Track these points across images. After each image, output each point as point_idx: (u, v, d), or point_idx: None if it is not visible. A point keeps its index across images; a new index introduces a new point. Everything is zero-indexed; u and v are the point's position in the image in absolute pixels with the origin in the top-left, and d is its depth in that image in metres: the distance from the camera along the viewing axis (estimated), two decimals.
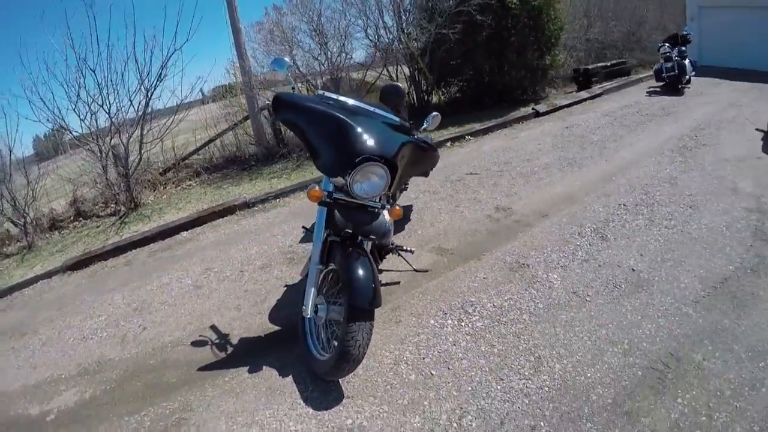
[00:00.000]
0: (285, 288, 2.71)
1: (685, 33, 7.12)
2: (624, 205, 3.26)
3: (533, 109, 6.48)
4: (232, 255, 3.27)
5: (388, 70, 6.31)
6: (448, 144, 5.40)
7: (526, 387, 1.79)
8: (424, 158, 2.50)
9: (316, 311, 1.80)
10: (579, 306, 2.23)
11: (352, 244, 1.83)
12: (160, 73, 4.59)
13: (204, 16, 4.90)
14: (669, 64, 6.68)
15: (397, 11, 6.02)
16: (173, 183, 5.17)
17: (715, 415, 1.58)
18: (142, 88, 4.57)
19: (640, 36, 8.93)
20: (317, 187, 1.77)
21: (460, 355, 1.99)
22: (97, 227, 4.37)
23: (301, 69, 5.66)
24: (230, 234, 3.70)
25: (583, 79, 7.66)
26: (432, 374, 1.89)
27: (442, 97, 7.08)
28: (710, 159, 3.93)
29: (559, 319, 2.15)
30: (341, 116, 1.78)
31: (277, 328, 2.33)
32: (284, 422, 1.75)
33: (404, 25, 6.00)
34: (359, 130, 1.75)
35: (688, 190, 3.35)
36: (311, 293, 1.78)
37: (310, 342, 1.98)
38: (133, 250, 3.73)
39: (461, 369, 1.91)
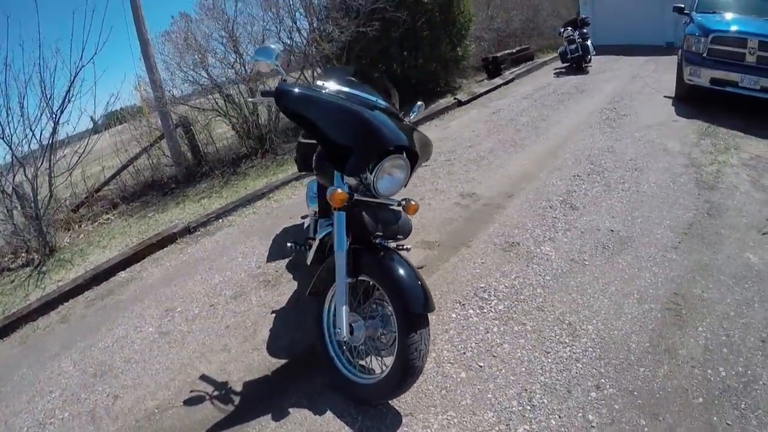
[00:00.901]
0: (273, 314, 2.52)
1: (583, 17, 8.33)
2: (578, 175, 3.69)
3: (455, 98, 6.97)
4: (193, 289, 2.94)
5: (304, 75, 6.24)
6: None
7: (573, 353, 1.95)
8: (426, 147, 2.54)
9: (351, 331, 1.70)
10: (581, 270, 2.49)
11: (382, 248, 1.77)
12: (68, 92, 3.96)
13: (114, 26, 4.40)
14: (573, 46, 7.75)
15: (310, 13, 6.01)
16: (88, 219, 4.48)
17: (731, 333, 1.94)
18: (48, 111, 3.90)
19: (537, 23, 10.19)
20: (339, 189, 1.66)
21: (498, 340, 2.08)
22: (11, 282, 3.58)
23: (216, 80, 5.34)
24: (179, 266, 3.32)
25: (493, 67, 8.45)
26: (481, 366, 1.94)
27: None
28: (635, 127, 4.66)
29: (569, 286, 2.38)
30: (357, 108, 1.73)
31: (283, 361, 2.15)
32: None
33: (316, 26, 6.00)
34: (376, 122, 1.70)
35: (627, 156, 3.92)
36: (344, 312, 1.67)
37: (341, 367, 1.87)
38: (65, 303, 3.13)
39: (506, 353, 1.99)
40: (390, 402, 1.79)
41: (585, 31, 7.86)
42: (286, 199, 4.18)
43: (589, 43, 7.77)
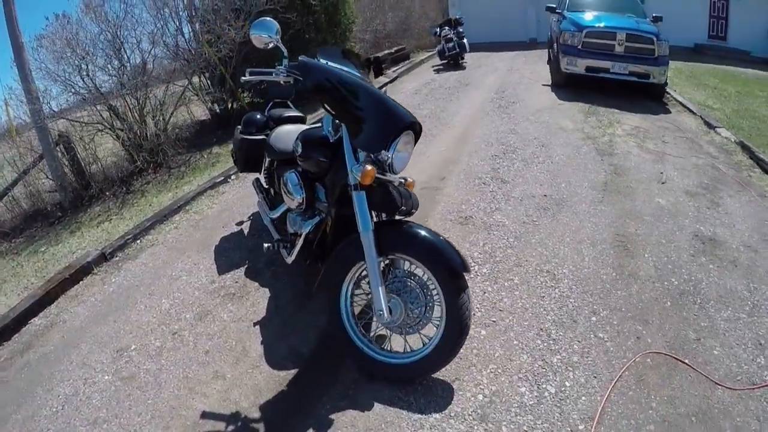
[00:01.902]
0: (256, 326, 2.32)
1: (458, 17, 9.38)
2: (495, 155, 4.25)
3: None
4: (140, 321, 2.52)
5: (191, 82, 5.82)
6: None
7: (562, 292, 2.33)
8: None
9: (390, 312, 1.72)
10: (535, 229, 2.92)
11: (403, 222, 1.82)
12: None
13: None
14: (450, 44, 8.70)
15: (193, 16, 5.64)
16: None
17: (669, 254, 2.58)
18: None
19: (409, 24, 11.14)
20: (368, 166, 1.65)
21: (497, 297, 2.33)
22: None
23: (100, 88, 4.65)
24: (108, 298, 2.79)
25: (375, 67, 8.95)
26: (494, 321, 2.16)
27: (247, 100, 7.03)
28: (527, 111, 5.50)
29: (532, 243, 2.78)
30: (372, 87, 1.77)
31: (293, 371, 2.00)
32: None
33: (199, 29, 5.64)
34: (390, 100, 1.75)
35: (530, 135, 4.64)
36: (381, 293, 1.68)
37: (375, 354, 1.86)
38: None
39: (509, 306, 2.26)
40: (431, 375, 1.85)
41: (460, 30, 8.91)
42: (208, 209, 3.85)
43: (465, 41, 8.83)
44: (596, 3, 6.70)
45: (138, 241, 3.47)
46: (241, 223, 3.44)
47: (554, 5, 6.93)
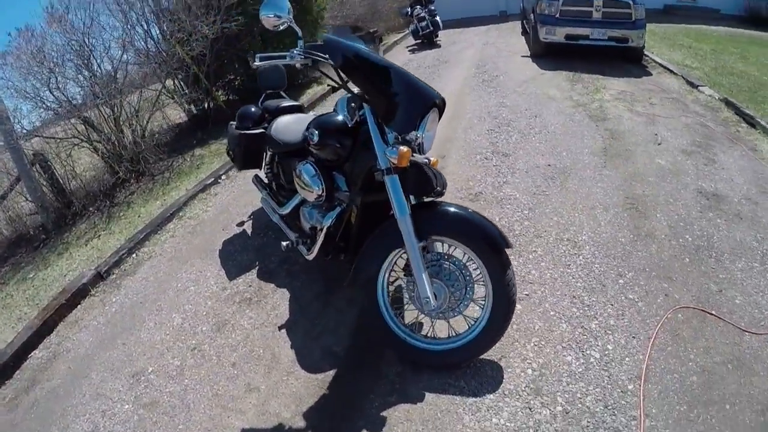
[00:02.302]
0: (283, 331, 2.26)
1: None
2: (491, 130, 4.27)
3: (328, 85, 7.10)
4: (152, 340, 2.41)
5: (164, 85, 5.58)
6: None
7: (585, 259, 2.40)
8: None
9: (435, 297, 1.70)
10: (547, 200, 2.97)
11: (437, 203, 1.77)
12: None
13: None
14: (423, 23, 8.64)
15: (159, 17, 5.39)
16: None
17: (679, 212, 2.71)
18: None
19: (377, 8, 11.01)
20: (402, 148, 1.58)
21: (524, 270, 2.36)
22: None
23: (72, 101, 4.42)
24: (113, 320, 2.68)
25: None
26: (527, 294, 2.19)
27: (223, 98, 6.84)
28: (512, 83, 5.53)
29: (546, 213, 2.83)
30: (395, 65, 1.71)
31: (330, 372, 1.93)
32: (488, 421, 1.64)
33: (168, 28, 5.39)
34: (414, 77, 1.70)
35: (521, 107, 4.68)
36: (425, 279, 1.65)
37: (419, 342, 1.84)
38: None
39: (539, 278, 2.30)
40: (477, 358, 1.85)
41: (432, 8, 8.86)
42: (203, 213, 3.74)
43: (437, 18, 8.78)
44: None
45: (134, 255, 3.34)
46: (242, 223, 3.35)
47: None
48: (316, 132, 1.91)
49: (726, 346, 1.82)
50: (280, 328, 2.27)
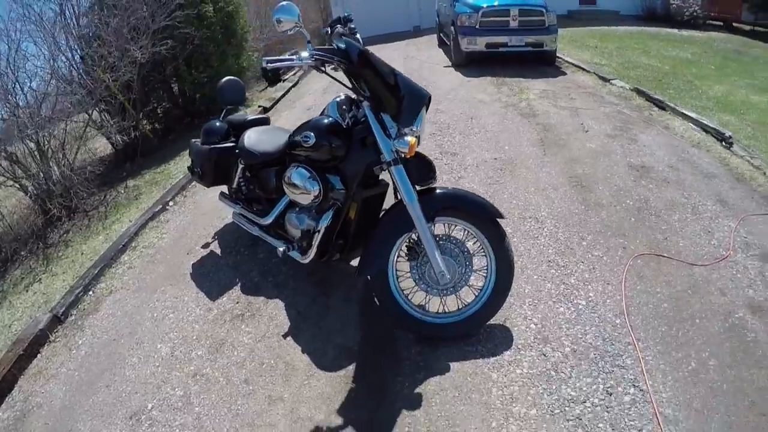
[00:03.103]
0: (288, 338, 2.27)
1: (346, 14, 9.63)
2: (434, 133, 4.60)
3: (259, 106, 7.17)
4: (141, 376, 2.25)
5: (90, 116, 5.30)
6: None
7: (549, 230, 2.78)
8: None
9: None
10: (502, 187, 3.35)
11: (432, 187, 1.99)
12: None
13: None
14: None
15: (82, 42, 5.17)
16: None
17: (617, 183, 3.22)
18: None
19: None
20: (409, 138, 1.78)
21: None
22: None
23: None
24: (85, 365, 2.43)
25: (272, 74, 8.91)
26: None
27: (148, 127, 6.65)
28: (441, 91, 5.97)
29: (504, 198, 3.19)
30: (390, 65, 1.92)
31: (352, 366, 2.01)
32: (513, 373, 1.84)
33: (90, 53, 5.16)
34: (401, 73, 1.92)
35: (456, 111, 5.14)
36: (438, 256, 1.86)
37: (433, 319, 2.03)
38: None
39: (516, 251, 2.49)
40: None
41: (353, 26, 9.21)
42: (159, 241, 3.61)
43: (358, 36, 9.14)
44: None
45: (91, 293, 3.13)
46: (207, 245, 3.30)
47: None
48: (312, 134, 2.03)
49: (682, 278, 2.28)
50: (284, 336, 2.29)
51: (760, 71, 6.73)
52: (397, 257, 2.02)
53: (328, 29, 9.56)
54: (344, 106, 2.07)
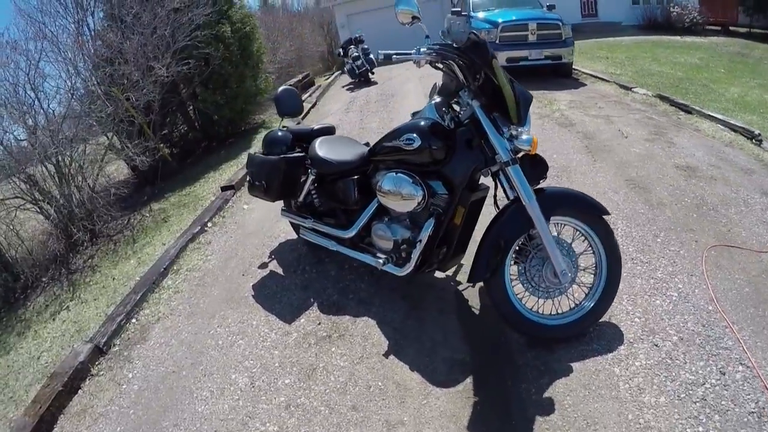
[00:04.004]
0: (389, 356, 2.20)
1: (357, 35, 10.02)
2: None
3: (284, 127, 7.35)
4: (219, 411, 2.10)
5: (110, 139, 5.35)
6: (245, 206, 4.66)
7: (623, 232, 2.91)
8: None
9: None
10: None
11: (542, 188, 2.03)
12: None
13: None
14: (359, 62, 9.33)
15: (97, 59, 5.26)
16: None
17: (673, 183, 3.41)
18: None
19: (305, 52, 11.62)
20: (528, 137, 1.86)
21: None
22: None
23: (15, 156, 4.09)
24: (140, 401, 2.27)
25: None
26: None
27: (167, 151, 6.74)
28: None
29: None
30: None
31: (469, 379, 1.99)
32: (633, 366, 1.92)
33: (107, 71, 5.24)
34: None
35: None
36: (560, 255, 1.91)
37: (549, 321, 2.06)
38: None
39: None
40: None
41: (366, 47, 9.60)
42: (204, 263, 3.57)
43: (371, 56, 9.52)
44: (498, 2, 7.91)
45: (135, 320, 3.03)
46: (265, 265, 3.24)
47: (458, 9, 7.96)
48: (416, 137, 2.04)
49: (754, 264, 2.48)
50: (385, 355, 2.21)
51: (767, 71, 7.09)
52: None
53: (341, 50, 10.06)
54: (443, 108, 2.10)
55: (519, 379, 1.95)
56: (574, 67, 7.18)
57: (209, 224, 4.19)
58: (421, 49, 1.97)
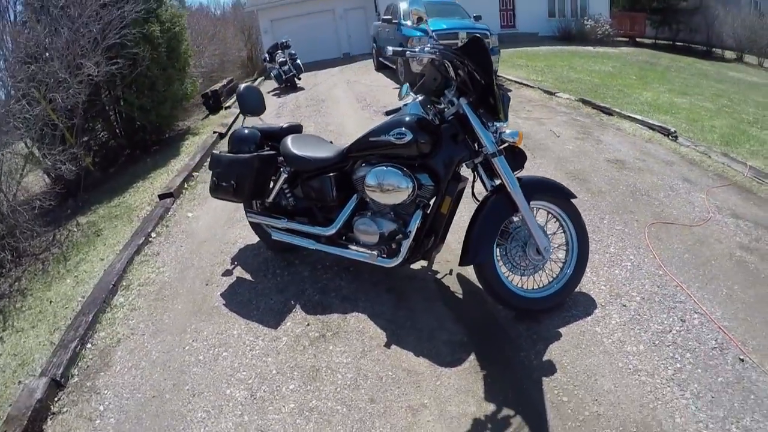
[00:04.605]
0: (391, 347, 2.24)
1: (284, 40, 9.83)
2: None
3: (215, 132, 7.07)
4: (222, 430, 1.98)
5: (29, 147, 4.73)
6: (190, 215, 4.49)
7: None
8: None
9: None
10: None
11: (520, 177, 2.21)
12: None
13: None
14: (286, 67, 9.20)
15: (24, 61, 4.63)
16: None
17: (608, 175, 3.91)
18: None
19: (228, 57, 11.17)
20: (519, 131, 2.12)
21: None
22: None
23: None
24: None
25: (214, 102, 8.86)
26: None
27: (88, 160, 6.15)
28: (382, 104, 6.42)
29: None
30: None
31: (472, 356, 2.12)
32: (609, 323, 2.21)
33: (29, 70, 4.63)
34: None
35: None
36: (542, 232, 2.14)
37: (533, 295, 2.28)
38: None
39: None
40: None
41: (293, 52, 9.48)
42: (158, 276, 3.29)
43: (299, 62, 9.44)
44: (428, 10, 8.17)
45: (90, 345, 2.69)
46: (229, 272, 3.10)
47: (388, 17, 8.19)
48: (408, 131, 2.14)
49: (687, 236, 2.96)
50: (387, 346, 2.25)
51: (674, 78, 8.30)
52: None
53: (267, 55, 9.89)
54: (428, 105, 2.24)
55: (517, 349, 2.13)
56: (498, 74, 7.75)
57: (153, 234, 3.90)
58: (425, 48, 2.12)
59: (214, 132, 6.92)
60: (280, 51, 9.56)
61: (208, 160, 3.16)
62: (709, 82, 9.17)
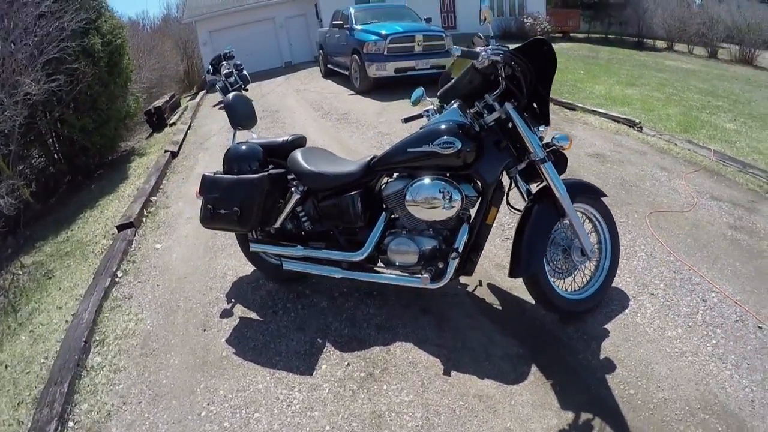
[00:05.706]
0: (449, 375, 2.05)
1: (227, 51, 9.26)
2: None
3: (166, 150, 6.53)
4: None
5: None
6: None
7: None
8: None
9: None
10: None
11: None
12: None
13: None
14: (231, 79, 8.68)
15: None
16: None
17: (593, 168, 4.01)
18: None
19: (166, 72, 10.45)
20: (567, 136, 2.10)
21: None
22: None
23: None
24: None
25: (157, 119, 8.25)
26: None
27: (27, 191, 5.45)
28: (368, 119, 6.26)
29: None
30: None
31: (533, 367, 2.03)
32: (646, 311, 2.26)
33: None
34: None
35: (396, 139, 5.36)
36: (587, 235, 2.10)
37: (577, 296, 2.23)
38: None
39: None
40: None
41: (238, 62, 8.96)
42: (137, 325, 2.68)
43: (245, 72, 8.95)
44: (380, 15, 8.22)
45: (72, 424, 2.13)
46: (228, 313, 2.69)
47: (339, 22, 7.96)
48: (456, 140, 1.98)
49: (683, 221, 3.12)
50: (446, 374, 2.06)
51: (618, 70, 8.70)
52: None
53: (211, 67, 9.35)
54: (469, 110, 2.12)
55: (574, 353, 2.12)
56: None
57: (119, 273, 3.36)
58: (488, 49, 1.96)
59: (166, 151, 6.38)
60: (225, 62, 9.00)
61: (176, 184, 2.81)
62: (650, 71, 9.69)
